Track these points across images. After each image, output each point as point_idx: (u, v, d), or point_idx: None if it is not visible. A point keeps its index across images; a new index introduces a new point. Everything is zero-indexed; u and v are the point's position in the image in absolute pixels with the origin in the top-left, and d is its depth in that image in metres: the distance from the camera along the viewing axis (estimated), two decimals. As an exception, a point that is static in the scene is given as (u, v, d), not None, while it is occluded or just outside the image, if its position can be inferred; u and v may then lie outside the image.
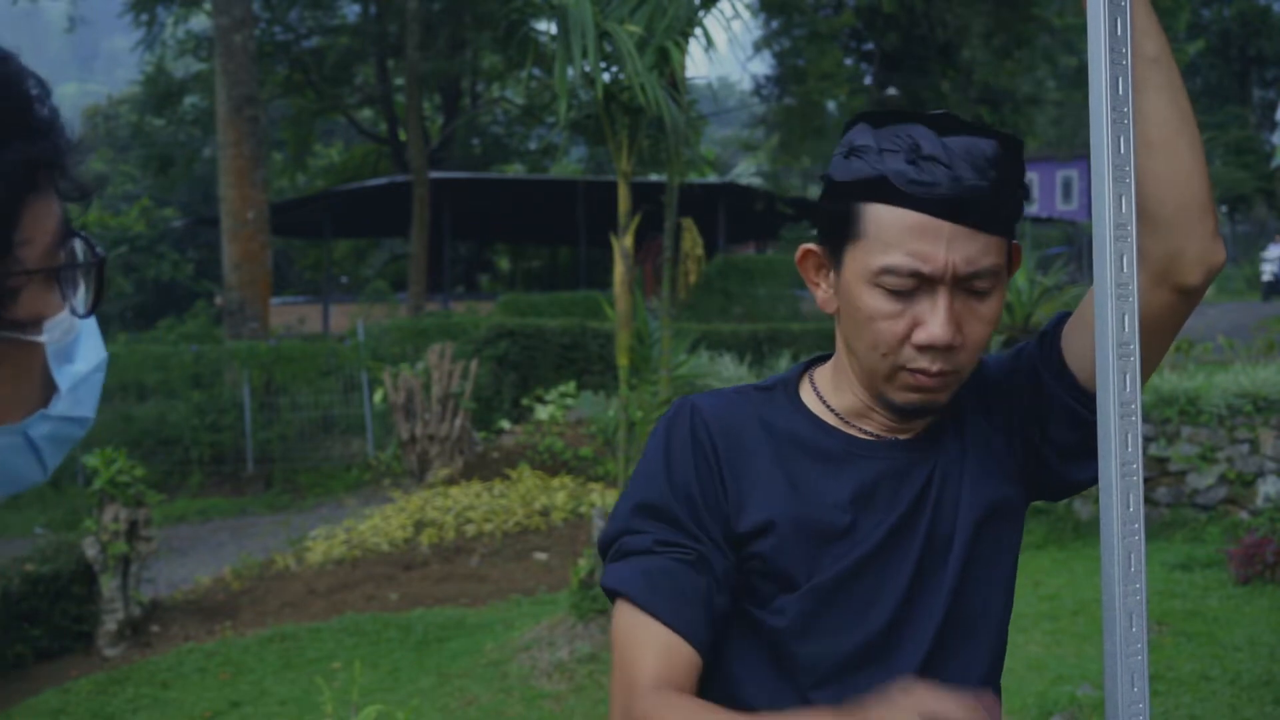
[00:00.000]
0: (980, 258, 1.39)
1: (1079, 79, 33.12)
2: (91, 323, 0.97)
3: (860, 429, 1.51)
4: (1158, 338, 1.42)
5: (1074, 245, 28.12)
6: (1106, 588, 1.21)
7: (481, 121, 37.28)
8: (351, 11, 32.15)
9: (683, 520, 1.44)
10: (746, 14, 31.65)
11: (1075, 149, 44.78)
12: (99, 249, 0.94)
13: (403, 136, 30.92)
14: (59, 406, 0.95)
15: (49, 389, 0.94)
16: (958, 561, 1.46)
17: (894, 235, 1.39)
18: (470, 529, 9.38)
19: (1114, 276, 1.23)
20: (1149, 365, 1.43)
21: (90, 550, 7.67)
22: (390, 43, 30.63)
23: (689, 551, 1.43)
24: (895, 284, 1.40)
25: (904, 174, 1.38)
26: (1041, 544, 8.26)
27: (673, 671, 1.39)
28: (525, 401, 14.22)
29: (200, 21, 29.25)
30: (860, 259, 1.42)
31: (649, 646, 1.40)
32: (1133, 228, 1.25)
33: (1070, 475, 1.51)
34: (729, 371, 11.22)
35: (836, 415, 1.52)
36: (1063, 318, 1.51)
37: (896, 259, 1.39)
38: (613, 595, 1.45)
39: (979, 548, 1.48)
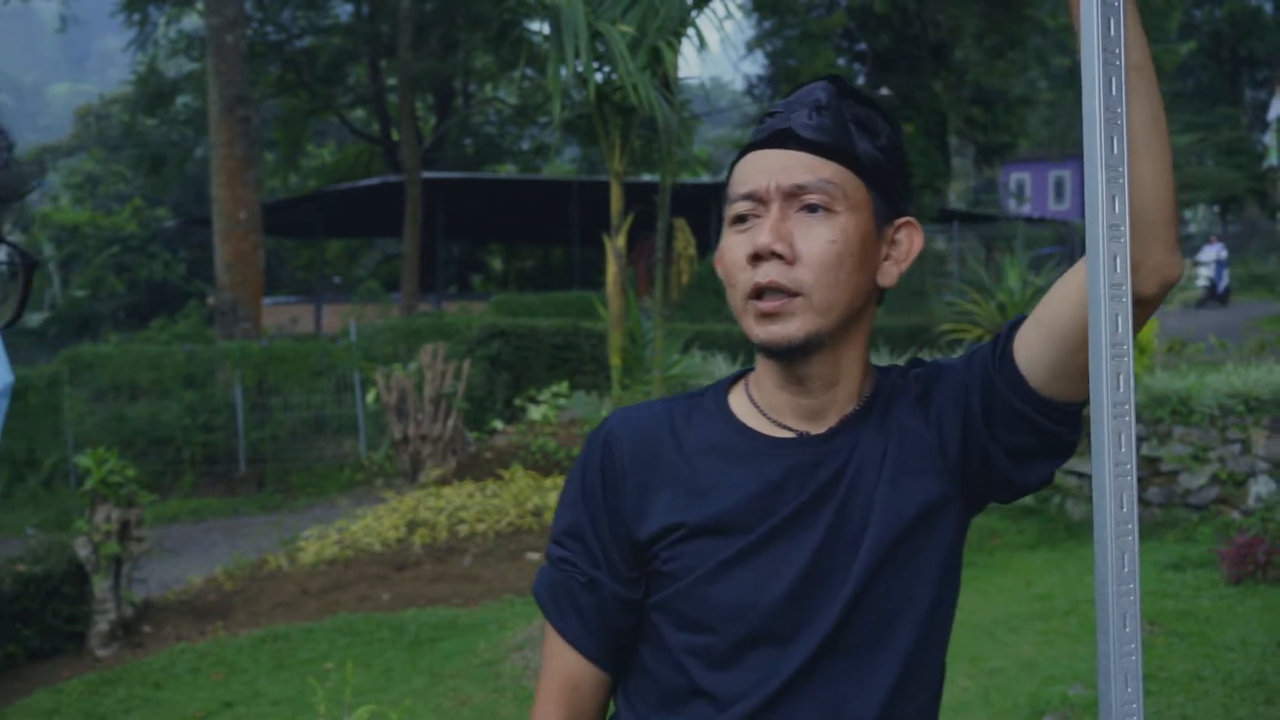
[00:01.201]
0: (803, 173, 1.47)
1: (1071, 79, 33.19)
2: None
3: (780, 424, 1.55)
4: None
5: (1066, 245, 28.14)
6: (1100, 588, 1.21)
7: (474, 121, 37.27)
8: (344, 11, 32.12)
9: (589, 544, 1.57)
10: (739, 14, 31.68)
11: (1067, 149, 44.88)
12: (27, 254, 0.86)
13: (395, 136, 30.90)
14: None
15: None
16: (870, 556, 1.48)
17: (736, 175, 1.53)
18: (463, 529, 9.37)
19: (1107, 277, 1.23)
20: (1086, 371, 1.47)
21: (82, 550, 7.65)
22: (383, 43, 30.61)
23: (582, 574, 1.56)
24: (735, 210, 1.50)
25: (755, 131, 1.54)
26: (1034, 544, 8.27)
27: (572, 677, 1.58)
28: (518, 402, 14.21)
29: (192, 21, 29.23)
30: (726, 215, 1.55)
31: (554, 652, 1.60)
32: (1126, 228, 1.25)
33: (1020, 478, 1.52)
34: (722, 371, 11.22)
35: (760, 411, 1.56)
36: (1018, 322, 1.52)
37: (735, 190, 1.52)
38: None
39: (900, 546, 1.49)
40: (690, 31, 7.73)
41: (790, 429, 1.54)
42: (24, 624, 7.53)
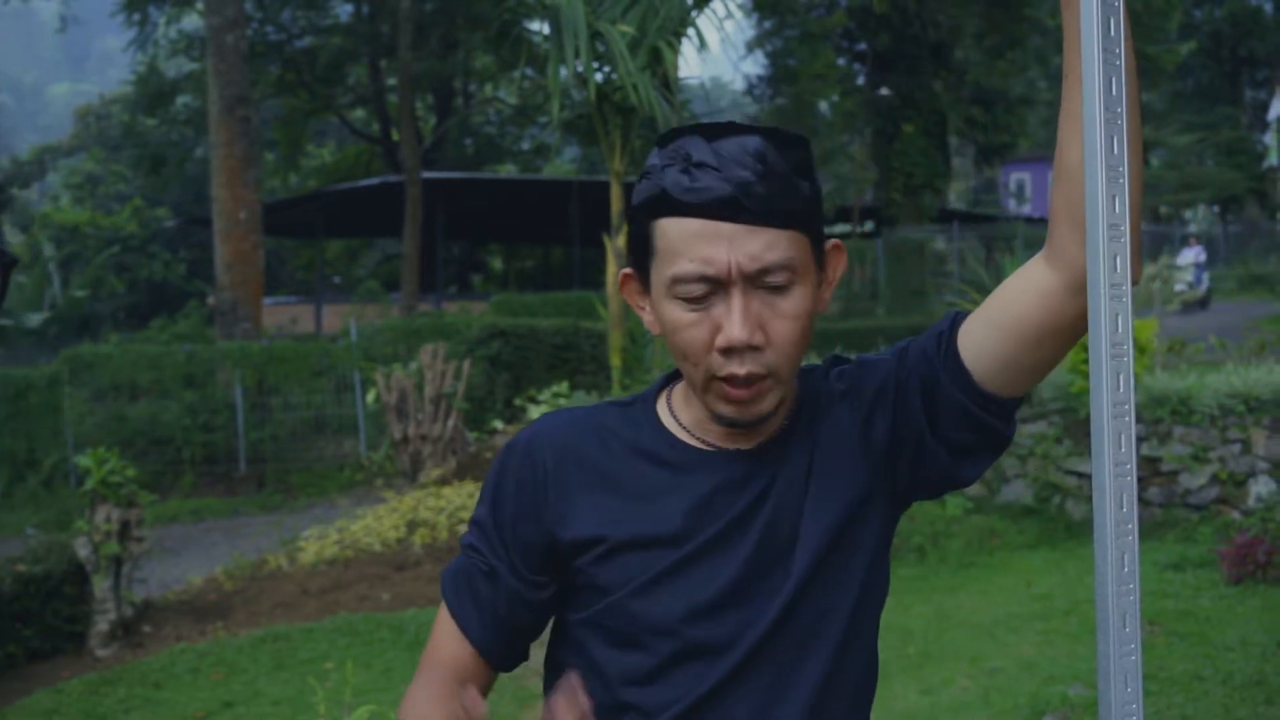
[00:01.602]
0: (765, 253, 1.41)
1: (1071, 79, 33.14)
2: None
3: (704, 440, 1.53)
4: (1061, 342, 1.45)
5: (1066, 245, 28.02)
6: (1100, 588, 1.21)
7: (474, 121, 37.28)
8: (344, 11, 32.12)
9: (491, 537, 1.56)
10: (739, 14, 31.69)
11: (1067, 149, 44.80)
12: (7, 254, 0.91)
13: (395, 136, 30.90)
14: None
15: None
16: (802, 566, 1.47)
17: (679, 244, 1.42)
18: (463, 529, 9.35)
19: (1107, 277, 1.23)
20: (1046, 368, 1.48)
21: (82, 550, 7.65)
22: (383, 43, 30.61)
23: (485, 563, 1.56)
24: (687, 291, 1.42)
25: (679, 184, 1.42)
26: (1034, 544, 8.27)
27: (457, 660, 1.58)
28: (518, 401, 14.20)
29: (192, 21, 29.23)
30: (659, 274, 1.46)
31: (443, 633, 1.60)
32: (1126, 228, 1.25)
33: (959, 473, 1.52)
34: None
35: (684, 428, 1.54)
36: (958, 316, 1.52)
37: (683, 267, 1.42)
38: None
39: (830, 553, 1.49)
40: (690, 31, 7.74)
41: (718, 446, 1.53)
42: (24, 624, 7.53)
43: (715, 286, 1.42)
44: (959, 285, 16.55)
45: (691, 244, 1.41)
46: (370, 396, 13.06)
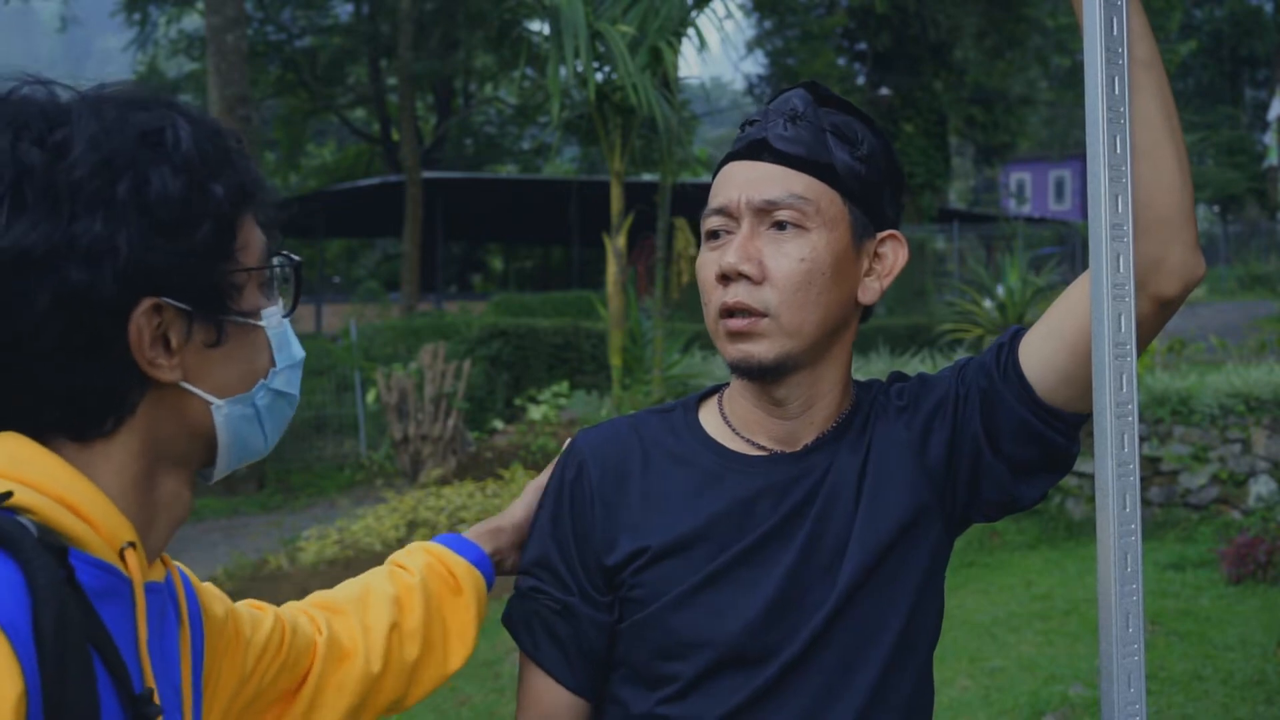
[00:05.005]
0: (773, 188, 1.43)
1: (1072, 79, 33.20)
2: (289, 328, 1.24)
3: (751, 441, 1.51)
4: None
5: (1067, 245, 28.13)
6: (1103, 588, 1.21)
7: (474, 121, 37.27)
8: (344, 11, 32.12)
9: (560, 572, 1.52)
10: (739, 14, 31.71)
11: (1068, 149, 44.87)
12: (295, 257, 1.24)
13: (395, 136, 30.91)
14: (277, 380, 1.21)
15: (270, 369, 1.20)
16: (848, 581, 1.44)
17: (714, 189, 1.49)
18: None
19: (1110, 277, 1.23)
20: None
21: (82, 551, 7.66)
22: (383, 42, 30.60)
23: (556, 602, 1.51)
24: (708, 225, 1.48)
25: (737, 138, 1.50)
26: (1034, 544, 8.27)
27: (556, 710, 1.53)
28: (518, 401, 14.20)
29: (192, 21, 29.22)
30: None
31: (533, 689, 1.54)
32: (1129, 228, 1.25)
33: (1018, 491, 1.48)
34: (722, 371, 11.21)
35: (732, 430, 1.53)
36: (1018, 331, 1.48)
37: (709, 206, 1.49)
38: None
39: (877, 570, 1.45)
40: (690, 31, 7.74)
41: (763, 448, 1.50)
42: (24, 624, 7.53)
43: (729, 221, 1.45)
44: (959, 285, 16.55)
45: (720, 184, 1.49)
46: (370, 396, 13.06)
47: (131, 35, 27.91)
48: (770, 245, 1.43)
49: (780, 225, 1.43)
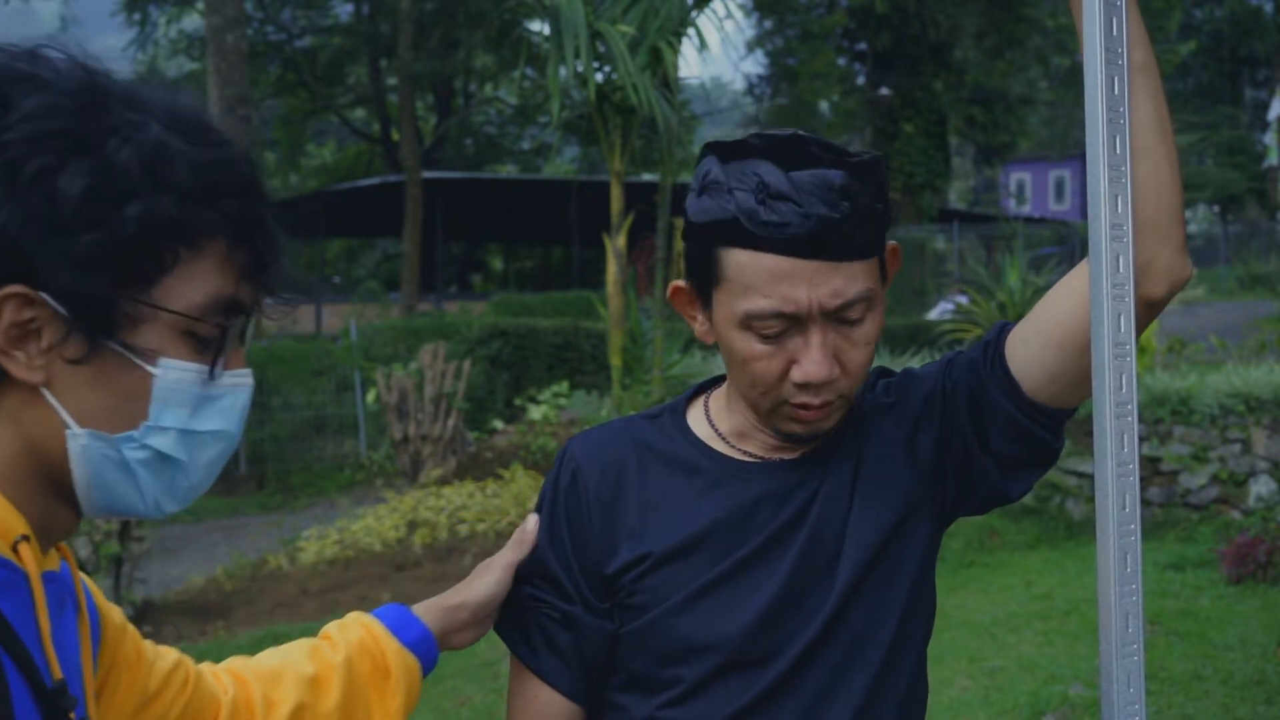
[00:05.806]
0: (846, 289, 1.37)
1: (1071, 79, 33.20)
2: (239, 400, 1.12)
3: (744, 450, 1.51)
4: None
5: (1067, 245, 28.11)
6: (1103, 588, 1.21)
7: (474, 121, 37.28)
8: (344, 11, 32.14)
9: (561, 580, 1.51)
10: (739, 14, 31.68)
11: (1068, 149, 44.86)
12: (229, 323, 1.10)
13: (395, 136, 30.91)
14: (156, 439, 1.06)
15: (143, 421, 1.06)
16: (846, 581, 1.45)
17: (754, 280, 1.37)
18: (463, 529, 9.36)
19: (1109, 277, 1.23)
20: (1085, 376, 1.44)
21: (82, 551, 7.65)
22: (383, 42, 30.62)
23: (556, 611, 1.50)
24: (763, 328, 1.38)
25: (755, 215, 1.35)
26: (1034, 544, 8.27)
27: (546, 718, 1.52)
28: (518, 401, 14.20)
29: (192, 21, 29.24)
30: (726, 303, 1.41)
31: (526, 698, 1.53)
32: (1129, 228, 1.25)
33: (1006, 486, 1.49)
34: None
35: (722, 437, 1.53)
36: (1005, 327, 1.49)
37: (760, 304, 1.37)
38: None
39: (874, 567, 1.47)
40: (690, 31, 7.73)
41: (757, 456, 1.51)
42: (24, 624, 7.53)
43: (791, 322, 1.38)
44: (959, 285, 16.55)
45: (770, 282, 1.36)
46: (370, 396, 13.06)
47: (131, 35, 27.92)
48: (843, 340, 1.40)
49: (850, 320, 1.40)
